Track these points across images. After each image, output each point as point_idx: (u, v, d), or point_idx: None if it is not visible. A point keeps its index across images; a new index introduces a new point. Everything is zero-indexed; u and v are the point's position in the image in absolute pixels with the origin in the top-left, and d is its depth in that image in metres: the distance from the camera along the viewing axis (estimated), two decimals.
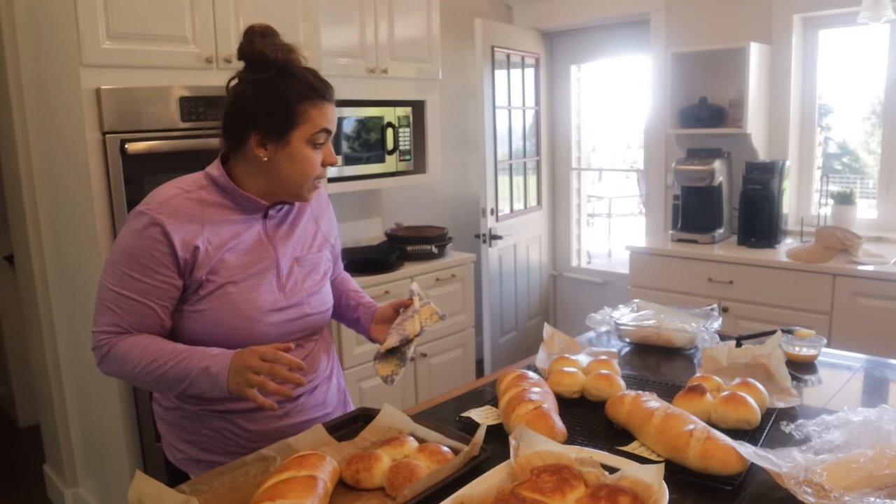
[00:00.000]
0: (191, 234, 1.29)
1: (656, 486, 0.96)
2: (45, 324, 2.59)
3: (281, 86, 1.29)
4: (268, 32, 1.34)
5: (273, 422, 1.38)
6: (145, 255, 1.27)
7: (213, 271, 1.30)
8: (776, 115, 3.40)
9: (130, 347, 1.27)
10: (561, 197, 4.52)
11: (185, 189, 1.34)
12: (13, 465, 3.30)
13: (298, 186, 1.35)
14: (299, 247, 1.42)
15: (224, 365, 1.23)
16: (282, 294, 1.36)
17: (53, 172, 2.43)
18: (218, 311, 1.30)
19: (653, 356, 1.76)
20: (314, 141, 1.32)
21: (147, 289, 1.27)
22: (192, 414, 1.38)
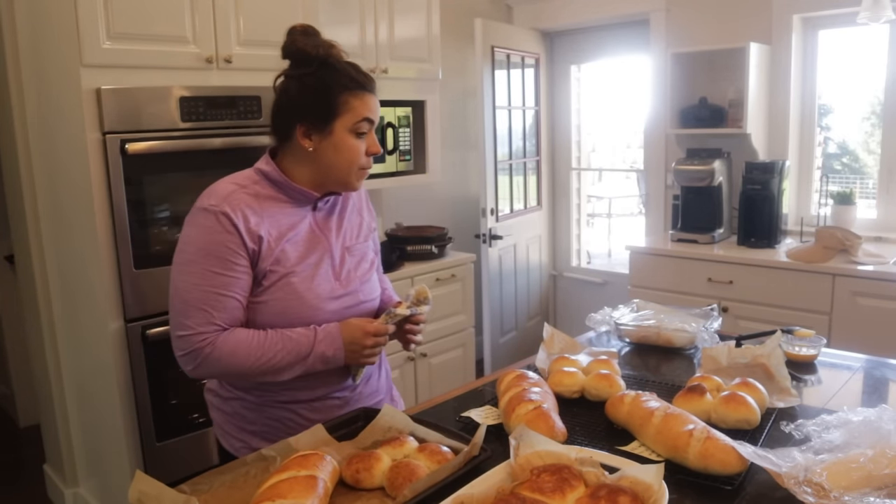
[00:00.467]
0: (255, 226, 1.33)
1: (656, 486, 0.96)
2: (45, 324, 2.59)
3: (323, 78, 1.35)
4: (309, 31, 1.40)
5: (334, 410, 1.44)
6: (222, 248, 1.30)
7: (276, 262, 1.35)
8: (776, 115, 3.40)
9: (235, 345, 1.30)
10: (561, 197, 4.52)
11: (240, 185, 1.37)
12: (13, 465, 3.30)
13: (345, 175, 1.39)
14: (348, 237, 1.48)
15: (338, 346, 1.34)
16: (338, 282, 1.41)
17: (53, 172, 2.43)
18: (281, 301, 1.34)
19: (653, 356, 1.76)
20: (356, 130, 1.37)
21: (230, 282, 1.31)
22: (254, 405, 1.42)
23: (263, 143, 2.50)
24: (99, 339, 2.32)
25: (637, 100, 5.29)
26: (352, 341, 1.35)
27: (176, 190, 2.36)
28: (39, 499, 2.93)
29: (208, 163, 2.41)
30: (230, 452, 1.45)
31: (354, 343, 1.35)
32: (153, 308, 2.30)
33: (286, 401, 1.41)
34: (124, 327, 2.26)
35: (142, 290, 2.27)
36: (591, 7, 3.92)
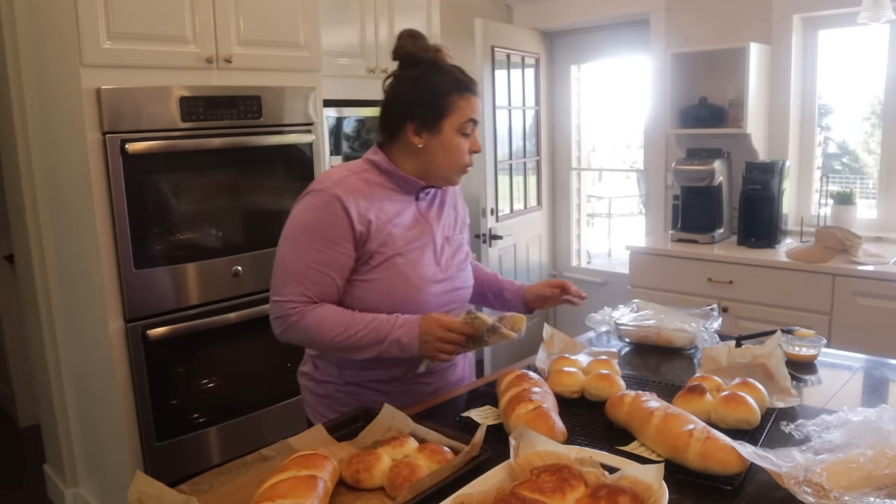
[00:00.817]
0: (364, 209, 1.42)
1: (656, 486, 0.96)
2: (45, 324, 2.59)
3: (433, 80, 1.45)
4: (416, 35, 1.48)
5: (423, 396, 1.53)
6: (327, 228, 1.40)
7: (383, 244, 1.44)
8: (776, 115, 3.40)
9: (321, 318, 1.40)
10: (561, 197, 4.52)
11: (352, 171, 1.48)
12: (13, 465, 3.30)
13: (449, 171, 1.50)
14: (447, 227, 1.58)
15: (413, 335, 1.39)
16: (438, 267, 1.51)
17: (53, 172, 2.43)
18: (387, 280, 1.44)
19: (653, 356, 1.76)
20: (462, 130, 1.46)
21: (329, 260, 1.41)
22: (348, 388, 1.52)
23: (263, 143, 2.51)
24: (99, 339, 2.32)
25: (637, 100, 5.29)
26: (427, 332, 1.39)
27: (176, 190, 2.36)
28: (39, 499, 2.93)
29: (208, 163, 2.41)
30: None
31: (429, 334, 1.39)
32: (153, 308, 2.30)
33: (379, 380, 1.50)
34: (124, 327, 2.26)
35: (142, 290, 2.27)
36: (591, 7, 3.92)
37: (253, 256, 2.53)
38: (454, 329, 1.39)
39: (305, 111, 2.63)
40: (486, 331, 1.41)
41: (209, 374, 2.49)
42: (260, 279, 2.55)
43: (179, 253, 2.36)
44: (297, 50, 2.60)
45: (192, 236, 2.41)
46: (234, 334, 2.51)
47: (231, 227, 2.51)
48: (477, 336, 1.42)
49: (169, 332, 2.32)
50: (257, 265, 2.54)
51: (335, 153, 2.99)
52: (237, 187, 2.52)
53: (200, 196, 2.44)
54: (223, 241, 2.48)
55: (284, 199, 2.65)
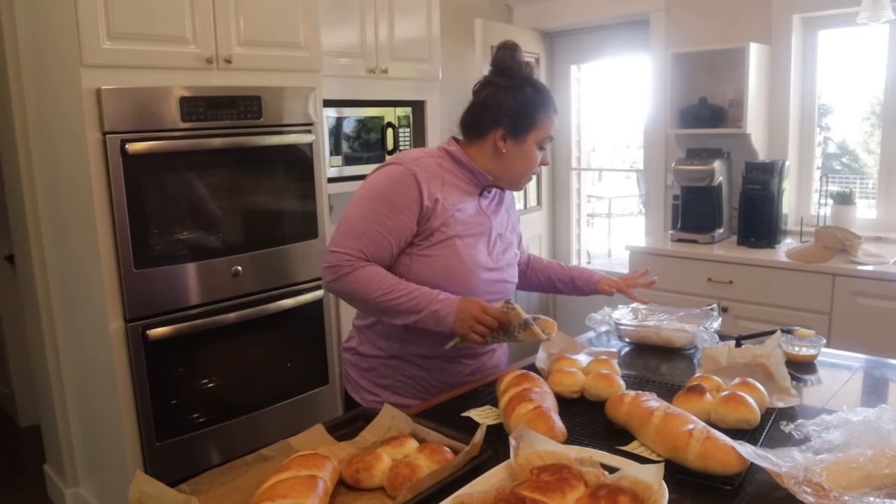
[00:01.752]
0: (434, 188, 1.53)
1: (656, 486, 0.96)
2: (45, 324, 2.59)
3: (527, 95, 1.57)
4: (514, 48, 1.61)
5: (461, 377, 1.64)
6: (398, 197, 1.49)
7: (445, 224, 1.53)
8: (776, 116, 3.40)
9: (371, 275, 1.48)
10: (561, 197, 4.52)
11: (429, 154, 1.59)
12: (13, 465, 3.30)
13: (519, 177, 1.63)
14: (501, 226, 1.67)
15: (451, 310, 1.46)
16: (490, 257, 1.60)
17: (53, 172, 2.43)
18: (444, 258, 1.53)
19: (653, 356, 1.76)
20: (541, 144, 1.60)
21: (392, 226, 1.49)
22: (394, 361, 1.62)
23: (263, 143, 2.51)
24: (99, 339, 2.32)
25: (637, 100, 5.28)
26: (466, 310, 1.46)
27: (176, 190, 2.36)
28: (39, 498, 2.93)
29: (208, 163, 2.41)
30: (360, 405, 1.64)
31: (467, 312, 1.45)
32: (153, 308, 2.30)
33: (422, 355, 1.59)
34: (124, 327, 2.26)
35: (142, 290, 2.27)
36: (591, 7, 3.92)
37: (253, 256, 2.53)
38: (490, 313, 1.46)
39: (305, 111, 2.63)
40: (519, 325, 1.47)
41: (209, 374, 2.49)
42: (260, 279, 2.55)
43: (179, 253, 2.36)
44: (297, 50, 2.60)
45: (192, 236, 2.41)
46: (234, 334, 2.51)
47: (231, 227, 2.51)
48: (509, 329, 1.48)
49: (169, 332, 2.32)
50: (257, 265, 2.54)
51: (335, 153, 2.99)
52: (237, 187, 2.52)
53: (200, 196, 2.44)
54: (223, 241, 2.48)
55: (284, 199, 2.65)
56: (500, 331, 1.49)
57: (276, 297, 2.60)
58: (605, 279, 1.84)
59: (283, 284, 2.62)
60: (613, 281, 1.83)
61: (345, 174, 3.04)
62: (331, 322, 2.82)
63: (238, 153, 2.47)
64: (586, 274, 1.87)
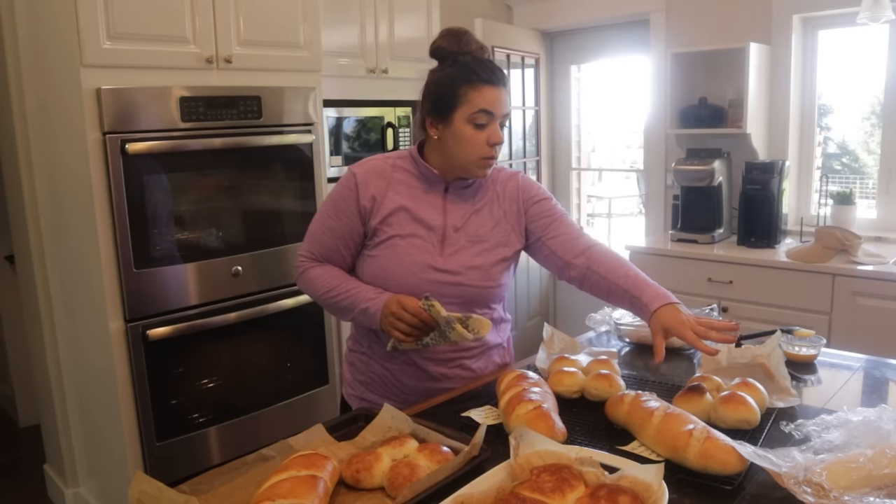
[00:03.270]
0: (375, 188, 1.52)
1: (656, 486, 0.96)
2: (45, 324, 2.59)
3: (447, 73, 1.49)
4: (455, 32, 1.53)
5: (424, 381, 1.58)
6: (339, 199, 1.54)
7: (387, 223, 1.52)
8: (776, 115, 3.40)
9: (317, 275, 1.55)
10: (561, 197, 4.52)
11: (386, 156, 1.59)
12: (13, 465, 3.30)
13: (465, 163, 1.50)
14: (474, 223, 1.56)
15: (378, 307, 1.45)
16: (441, 258, 1.52)
17: (53, 172, 2.43)
18: (384, 258, 1.52)
19: (653, 356, 1.75)
20: (474, 121, 1.46)
21: (335, 227, 1.54)
22: (364, 357, 1.63)
23: (263, 144, 2.51)
24: (99, 339, 2.32)
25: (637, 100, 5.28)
26: (387, 307, 1.44)
27: (176, 190, 2.36)
28: (39, 498, 2.93)
29: (208, 163, 2.41)
30: (347, 402, 1.68)
31: (388, 308, 1.44)
32: (153, 308, 2.30)
33: (384, 359, 1.58)
34: (124, 327, 2.26)
35: (142, 290, 2.27)
36: (591, 7, 3.92)
37: (253, 256, 2.53)
38: (408, 309, 1.40)
39: (305, 111, 2.63)
40: (443, 323, 1.40)
41: (209, 374, 2.49)
42: (260, 279, 2.55)
43: (179, 253, 2.36)
44: (297, 50, 2.60)
45: (192, 236, 2.41)
46: (234, 334, 2.51)
47: (231, 227, 2.51)
48: (439, 328, 1.42)
49: (169, 332, 2.33)
50: (257, 265, 2.54)
51: (335, 153, 2.99)
52: (237, 187, 2.52)
53: (200, 196, 2.44)
54: (223, 241, 2.48)
55: (284, 199, 2.65)
56: (435, 332, 1.43)
57: (276, 297, 2.60)
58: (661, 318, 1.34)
59: (283, 284, 2.62)
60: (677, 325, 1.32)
61: None
62: (331, 322, 2.82)
63: (238, 153, 2.47)
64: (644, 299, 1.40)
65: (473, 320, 1.43)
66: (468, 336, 1.42)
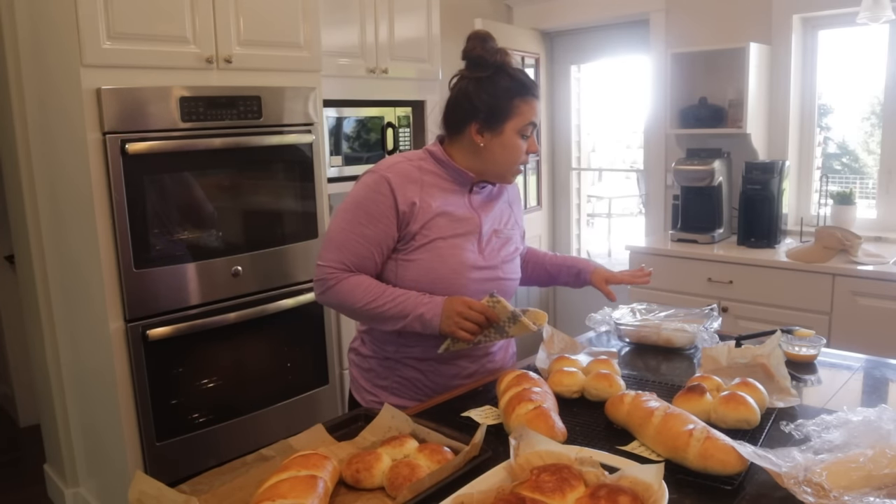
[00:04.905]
0: (411, 192, 1.51)
1: (656, 486, 0.96)
2: (45, 324, 2.59)
3: (499, 84, 1.51)
4: (486, 37, 1.54)
5: (458, 379, 1.60)
6: (373, 206, 1.50)
7: (427, 227, 1.51)
8: (776, 115, 3.40)
9: (354, 286, 1.50)
10: (561, 197, 4.52)
11: (408, 158, 1.57)
12: (13, 465, 3.30)
13: (505, 170, 1.57)
14: (497, 221, 1.64)
15: (436, 312, 1.45)
16: (481, 256, 1.56)
17: (53, 172, 2.43)
18: (428, 261, 1.51)
19: (653, 356, 1.76)
20: (523, 132, 1.53)
21: (370, 235, 1.50)
22: (389, 363, 1.61)
23: (263, 144, 2.51)
24: (99, 339, 2.32)
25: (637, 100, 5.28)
26: (450, 308, 1.44)
27: (176, 190, 2.36)
28: (39, 498, 2.93)
29: (208, 163, 2.41)
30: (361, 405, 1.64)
31: (452, 310, 1.44)
32: (153, 308, 2.30)
33: (417, 357, 1.57)
34: (124, 327, 2.26)
35: (142, 290, 2.27)
36: (591, 7, 3.92)
37: (253, 256, 2.53)
38: (475, 308, 1.44)
39: (305, 111, 2.63)
40: (507, 318, 1.44)
41: (209, 374, 2.49)
42: (260, 279, 2.55)
43: (179, 253, 2.36)
44: (297, 50, 2.60)
45: (192, 236, 2.41)
46: (234, 334, 2.51)
47: (231, 227, 2.51)
48: (498, 324, 1.45)
49: (169, 332, 2.32)
50: (257, 265, 2.54)
51: (335, 153, 2.99)
52: (237, 187, 2.52)
53: (200, 196, 2.44)
54: (223, 241, 2.48)
55: (284, 199, 2.65)
56: (491, 327, 1.46)
57: (276, 297, 2.60)
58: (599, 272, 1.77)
59: (282, 284, 2.62)
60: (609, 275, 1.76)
61: (345, 174, 3.04)
62: (330, 322, 2.82)
63: (238, 153, 2.47)
64: (582, 262, 1.82)
65: (531, 312, 1.49)
66: (532, 328, 1.46)
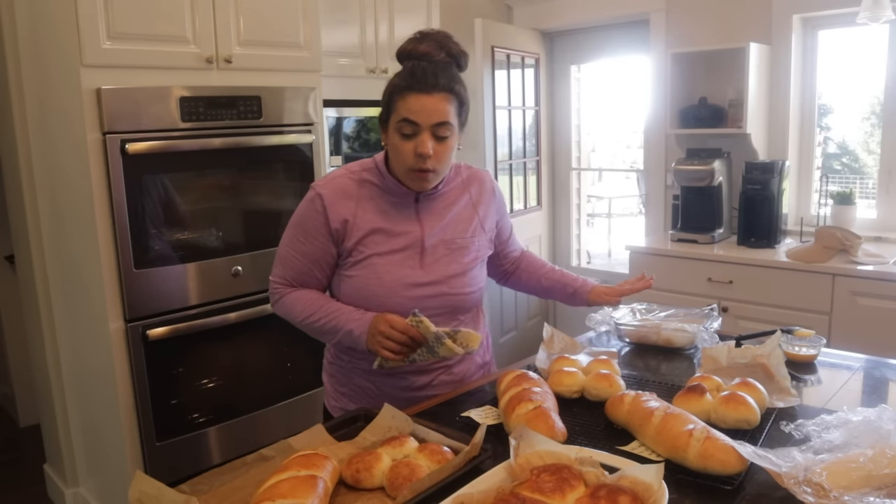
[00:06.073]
0: (343, 209, 1.47)
1: (656, 486, 0.96)
2: (45, 324, 2.59)
3: (392, 79, 1.44)
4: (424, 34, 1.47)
5: (407, 392, 1.54)
6: (308, 222, 1.49)
7: (362, 243, 1.47)
8: (776, 115, 3.40)
9: (295, 300, 1.51)
10: (561, 197, 4.52)
11: (350, 171, 1.53)
12: (13, 465, 3.30)
13: (402, 174, 1.47)
14: (450, 230, 1.54)
15: (363, 330, 1.42)
16: (422, 271, 1.49)
17: (53, 172, 2.43)
18: (363, 278, 1.47)
19: (653, 356, 1.76)
20: (399, 130, 1.42)
21: (307, 251, 1.49)
22: (345, 369, 1.59)
23: (263, 144, 2.51)
24: (99, 339, 2.32)
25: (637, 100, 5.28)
26: (374, 327, 1.40)
27: (176, 190, 2.36)
28: (39, 498, 2.93)
29: (208, 163, 2.41)
30: (329, 412, 1.65)
31: (375, 328, 1.40)
32: (153, 308, 2.30)
33: (367, 368, 1.52)
34: (124, 327, 2.26)
35: (142, 290, 2.27)
36: (591, 7, 3.92)
37: (253, 256, 2.53)
38: (396, 327, 1.37)
39: (305, 111, 2.63)
40: (433, 339, 1.38)
41: (209, 374, 2.49)
42: (260, 279, 2.55)
43: (179, 253, 2.36)
44: (297, 50, 2.60)
45: (192, 236, 2.41)
46: (234, 334, 2.51)
47: (231, 227, 2.51)
48: (427, 344, 1.39)
49: (169, 332, 2.33)
50: (257, 265, 2.54)
51: (335, 153, 2.99)
52: (237, 187, 2.52)
53: (200, 196, 2.44)
54: (223, 241, 2.48)
55: (284, 199, 2.65)
56: (422, 349, 1.40)
57: None
58: (599, 289, 1.67)
59: None
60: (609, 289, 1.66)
61: None
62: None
63: (238, 153, 2.47)
64: (579, 282, 1.72)
65: (462, 334, 1.41)
66: (458, 351, 1.40)
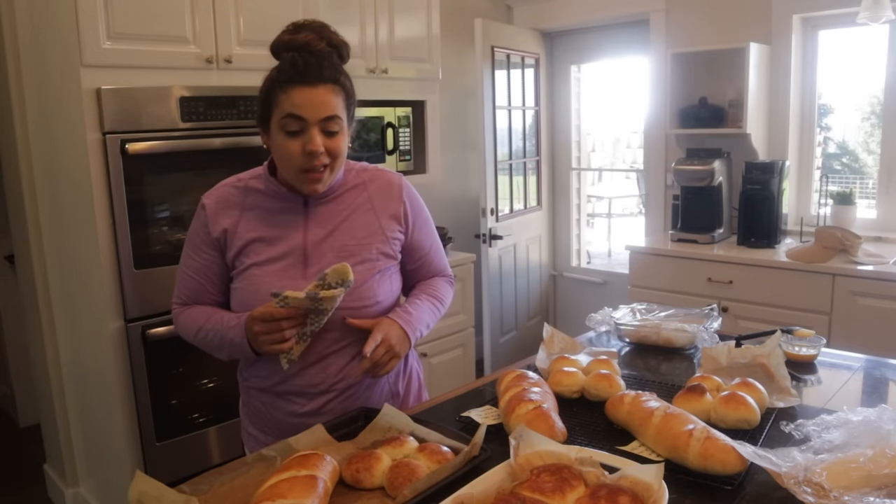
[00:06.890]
0: (224, 218, 1.39)
1: (656, 486, 0.96)
2: (45, 324, 2.59)
3: (270, 73, 1.32)
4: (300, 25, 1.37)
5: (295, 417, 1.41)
6: (195, 235, 1.42)
7: (243, 253, 1.38)
8: (776, 116, 3.40)
9: (186, 318, 1.43)
10: (561, 197, 4.52)
11: (238, 178, 1.44)
12: (13, 465, 3.30)
13: (291, 176, 1.34)
14: (345, 236, 1.39)
15: (242, 336, 1.32)
16: (304, 281, 1.34)
17: (53, 172, 2.43)
18: (244, 290, 1.38)
19: (653, 356, 1.76)
20: (284, 128, 1.28)
21: (196, 265, 1.42)
22: (244, 390, 1.52)
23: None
24: (99, 339, 2.32)
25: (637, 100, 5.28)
26: (249, 329, 1.29)
27: (176, 190, 2.36)
28: (39, 498, 2.93)
29: (208, 163, 2.41)
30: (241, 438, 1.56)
31: (251, 330, 1.29)
32: (153, 308, 2.30)
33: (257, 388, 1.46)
34: (124, 327, 2.26)
35: (142, 290, 2.27)
36: (591, 7, 3.92)
37: None
38: (265, 318, 1.25)
39: None
40: (309, 303, 1.24)
41: (209, 374, 2.49)
42: None
43: (179, 253, 2.35)
44: None
45: None
46: None
47: None
48: (312, 308, 1.26)
49: (169, 332, 2.32)
50: None
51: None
52: None
53: (200, 196, 2.43)
54: None
55: None
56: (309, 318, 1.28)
57: None
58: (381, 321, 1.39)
59: None
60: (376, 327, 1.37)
61: None
62: None
63: (238, 153, 2.47)
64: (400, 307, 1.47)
65: (330, 275, 1.26)
66: (338, 292, 1.25)
